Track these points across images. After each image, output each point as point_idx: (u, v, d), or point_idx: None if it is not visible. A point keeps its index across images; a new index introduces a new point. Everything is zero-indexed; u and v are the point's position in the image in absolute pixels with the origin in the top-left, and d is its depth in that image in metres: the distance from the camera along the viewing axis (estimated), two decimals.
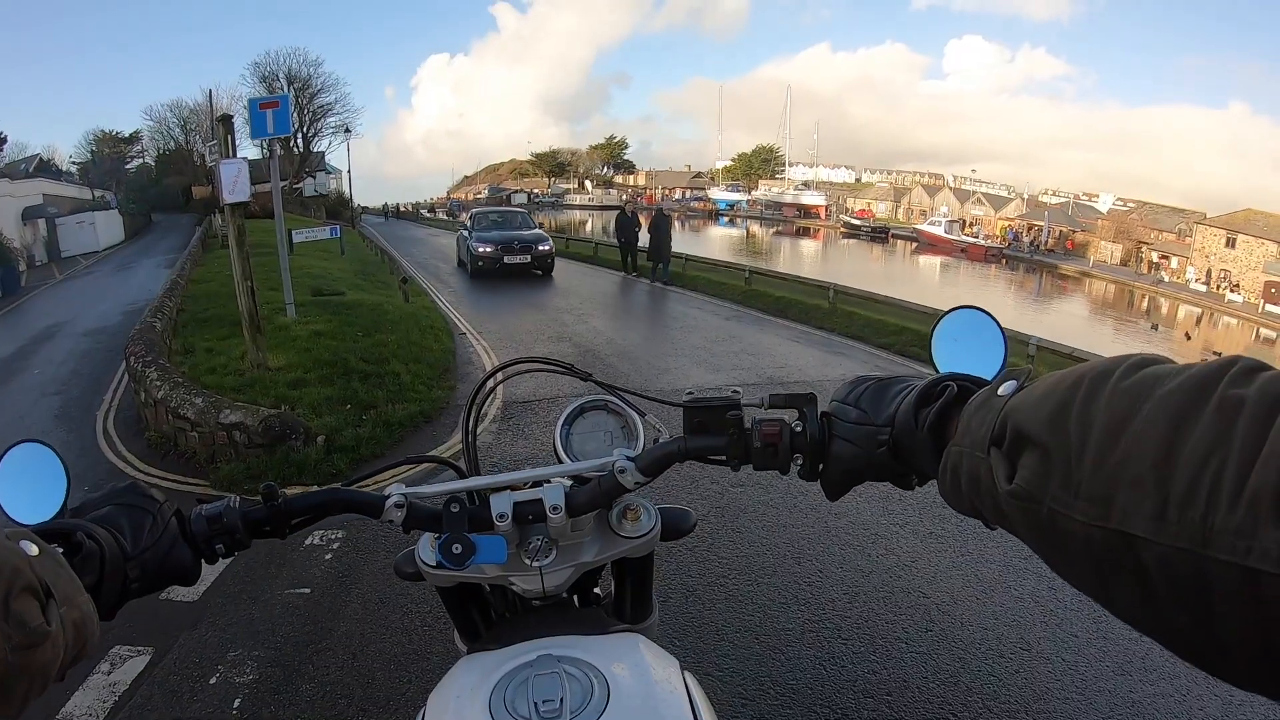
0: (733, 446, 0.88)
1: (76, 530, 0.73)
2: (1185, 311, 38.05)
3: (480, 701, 0.82)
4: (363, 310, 10.72)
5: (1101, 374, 0.45)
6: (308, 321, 9.48)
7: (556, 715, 0.79)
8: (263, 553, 4.04)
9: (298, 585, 3.73)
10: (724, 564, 3.88)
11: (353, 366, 7.34)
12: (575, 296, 14.60)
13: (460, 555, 0.90)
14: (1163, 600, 0.38)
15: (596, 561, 1.02)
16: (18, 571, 0.51)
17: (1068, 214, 58.07)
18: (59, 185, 41.29)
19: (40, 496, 0.83)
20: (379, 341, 8.62)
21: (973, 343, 0.84)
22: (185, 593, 3.64)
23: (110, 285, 20.62)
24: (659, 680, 0.87)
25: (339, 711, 2.78)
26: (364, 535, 4.23)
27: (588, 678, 0.84)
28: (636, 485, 0.95)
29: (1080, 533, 0.42)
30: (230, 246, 7.07)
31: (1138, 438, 0.40)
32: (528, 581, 1.00)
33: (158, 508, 0.84)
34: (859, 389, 0.80)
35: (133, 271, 23.65)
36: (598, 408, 1.13)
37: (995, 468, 0.50)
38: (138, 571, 0.78)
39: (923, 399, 0.70)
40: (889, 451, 0.74)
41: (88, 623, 0.60)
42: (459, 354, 9.12)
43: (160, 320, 9.09)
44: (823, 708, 2.81)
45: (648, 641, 0.97)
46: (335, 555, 4.04)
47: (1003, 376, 0.58)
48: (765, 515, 4.49)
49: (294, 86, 52.60)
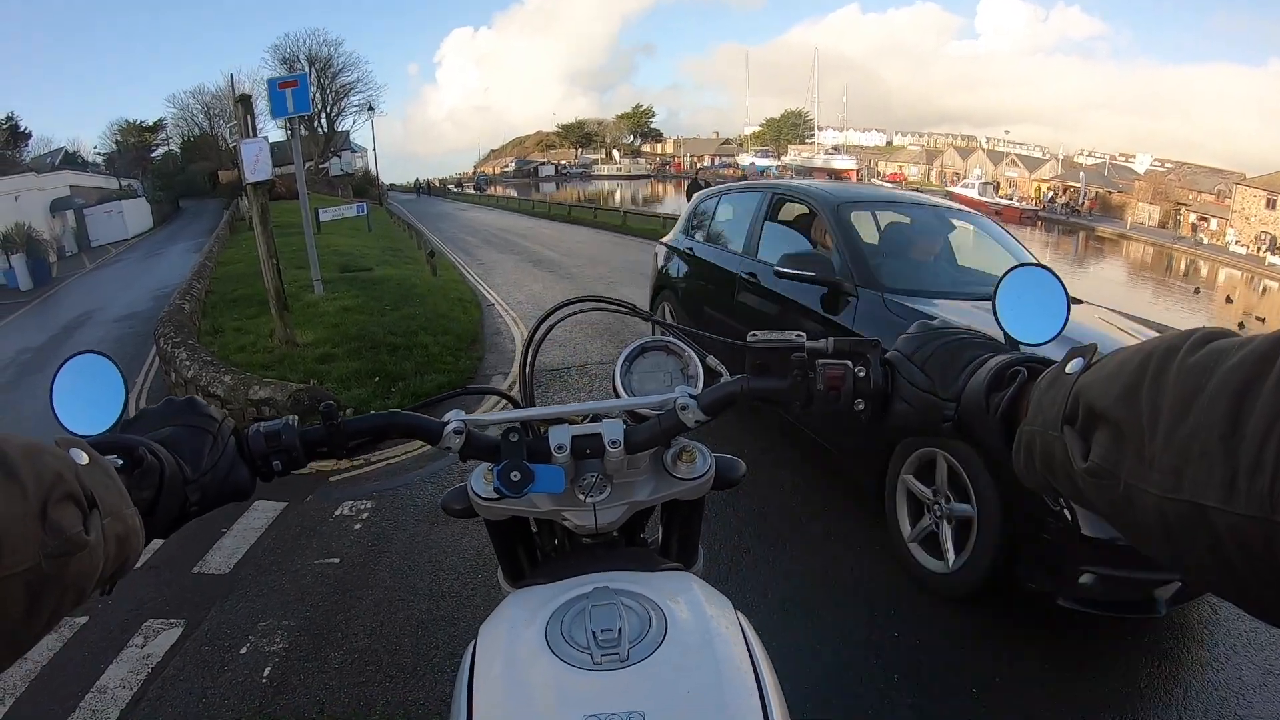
0: (795, 389, 0.87)
1: (138, 445, 0.71)
2: (1225, 275, 37.00)
3: (536, 631, 0.82)
4: (390, 285, 10.76)
5: (1168, 350, 0.46)
6: (335, 297, 9.52)
7: (615, 644, 0.78)
8: (294, 525, 4.08)
9: (328, 555, 3.72)
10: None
11: (380, 340, 7.32)
12: (605, 265, 14.57)
13: (519, 483, 0.89)
14: (1237, 565, 0.39)
15: (650, 501, 1.01)
16: (60, 478, 0.50)
17: (1104, 175, 56.63)
18: (85, 176, 42.15)
19: (98, 409, 0.84)
20: (406, 315, 8.61)
21: (1036, 300, 0.85)
22: (218, 564, 3.69)
23: (139, 271, 20.98)
24: (714, 616, 0.85)
25: (366, 678, 2.77)
26: (393, 504, 4.23)
27: (645, 610, 0.83)
28: (697, 424, 0.94)
29: (1155, 506, 0.43)
30: (254, 226, 7.09)
31: (1205, 411, 0.41)
32: (580, 517, 0.98)
33: (217, 427, 0.84)
34: (927, 348, 0.80)
35: (162, 257, 24.03)
36: (658, 348, 1.14)
37: (1070, 446, 0.51)
38: (198, 494, 0.78)
39: (994, 383, 0.70)
40: (954, 427, 0.75)
41: (132, 537, 0.59)
42: (487, 324, 9.10)
43: (189, 302, 9.19)
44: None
45: (701, 581, 0.95)
46: (364, 525, 4.03)
47: (1069, 354, 0.58)
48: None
49: (315, 67, 53.07)
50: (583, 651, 0.78)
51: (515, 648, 0.83)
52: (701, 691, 0.75)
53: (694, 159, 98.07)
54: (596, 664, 0.77)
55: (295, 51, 54.08)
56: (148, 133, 61.57)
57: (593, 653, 0.78)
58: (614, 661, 0.77)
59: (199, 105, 58.02)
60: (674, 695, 0.74)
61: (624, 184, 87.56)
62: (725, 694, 0.76)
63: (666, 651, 0.78)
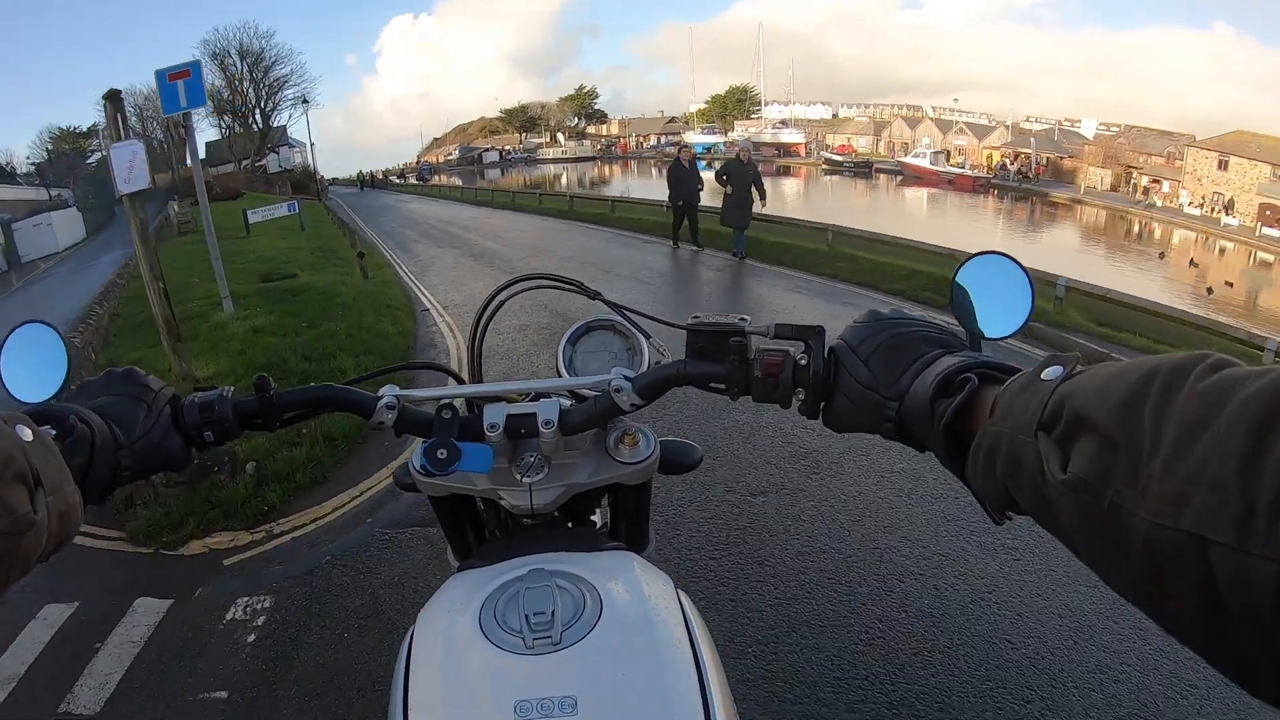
0: (733, 375, 0.85)
1: (69, 414, 0.73)
2: (1180, 236, 37.13)
3: (470, 615, 0.81)
4: (312, 295, 9.80)
5: (1177, 371, 0.43)
6: (247, 316, 8.56)
7: (548, 627, 0.77)
8: (178, 635, 3.25)
9: (214, 687, 2.89)
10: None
11: (293, 367, 6.46)
12: (552, 256, 13.73)
13: (444, 461, 0.88)
14: (1229, 614, 0.36)
15: (589, 484, 0.99)
16: (10, 458, 0.53)
17: (1054, 140, 56.39)
18: (12, 189, 40.61)
19: (42, 377, 0.86)
20: (326, 332, 7.75)
21: (997, 290, 0.80)
22: (87, 700, 2.89)
23: (64, 289, 19.55)
24: (652, 596, 0.85)
25: None
26: (297, 601, 3.40)
27: (580, 591, 0.82)
28: (633, 407, 0.93)
29: (1143, 531, 0.40)
30: (135, 243, 6.11)
31: (1220, 440, 0.38)
32: (516, 497, 0.97)
33: (152, 396, 0.84)
34: (873, 340, 0.76)
35: (93, 269, 22.43)
36: (604, 327, 1.14)
37: (1046, 453, 0.48)
38: (130, 459, 0.79)
39: (941, 389, 0.66)
40: (894, 428, 0.72)
41: (73, 512, 0.61)
42: (420, 336, 8.25)
43: (85, 332, 8.20)
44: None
45: (641, 560, 0.95)
46: (260, 636, 3.18)
47: (1046, 360, 0.55)
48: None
49: (246, 61, 51.79)
50: (515, 635, 0.77)
51: (450, 632, 0.82)
52: (637, 673, 0.75)
53: (640, 139, 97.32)
54: (529, 648, 0.76)
55: (226, 46, 52.29)
56: (81, 139, 59.10)
57: (525, 636, 0.77)
58: (546, 645, 0.76)
59: (131, 108, 56.55)
60: (608, 678, 0.74)
61: (570, 167, 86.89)
62: (662, 676, 0.75)
63: (601, 633, 0.77)
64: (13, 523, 0.50)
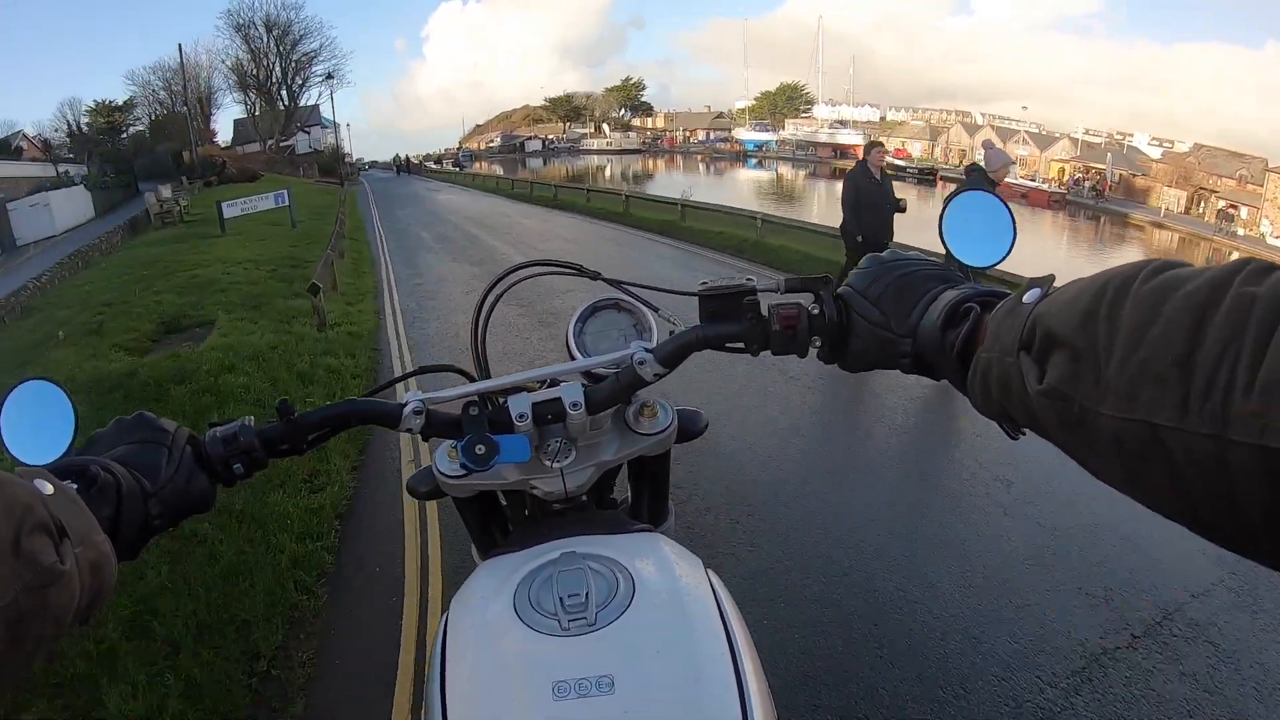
0: (750, 332, 0.85)
1: (89, 465, 0.67)
2: None
3: (505, 600, 0.80)
4: (198, 382, 5.83)
5: (1125, 278, 0.46)
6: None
7: (582, 609, 0.77)
8: None
9: None
10: None
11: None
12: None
13: (484, 455, 0.86)
14: (1189, 484, 0.40)
15: (616, 460, 0.99)
16: (29, 509, 0.48)
17: (1125, 155, 52.03)
18: (15, 165, 38.83)
19: (48, 437, 0.77)
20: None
21: (982, 223, 0.81)
22: None
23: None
24: (683, 576, 0.84)
25: None
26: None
27: (613, 573, 0.81)
28: (656, 377, 0.91)
29: (1109, 427, 0.44)
30: None
31: (1161, 336, 0.42)
32: (549, 484, 0.96)
33: (170, 438, 0.78)
34: (879, 285, 0.77)
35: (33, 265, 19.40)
36: (610, 306, 1.12)
37: (1025, 370, 0.51)
38: (159, 507, 0.73)
39: (949, 319, 0.68)
40: (911, 362, 0.74)
41: (105, 563, 0.56)
42: (360, 550, 4.10)
43: None
44: None
45: (670, 540, 0.94)
46: None
47: (1027, 284, 0.57)
48: None
49: (273, 34, 49.36)
50: (550, 618, 0.77)
51: (485, 617, 0.81)
52: (671, 651, 0.74)
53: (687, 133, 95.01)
54: (564, 629, 0.75)
55: (250, 16, 50.58)
56: (118, 113, 57.80)
57: (560, 618, 0.76)
58: (581, 626, 0.75)
59: (160, 82, 55.25)
60: (643, 657, 0.73)
61: (614, 159, 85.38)
62: (696, 653, 0.74)
63: (635, 613, 0.76)
64: (37, 575, 0.46)
